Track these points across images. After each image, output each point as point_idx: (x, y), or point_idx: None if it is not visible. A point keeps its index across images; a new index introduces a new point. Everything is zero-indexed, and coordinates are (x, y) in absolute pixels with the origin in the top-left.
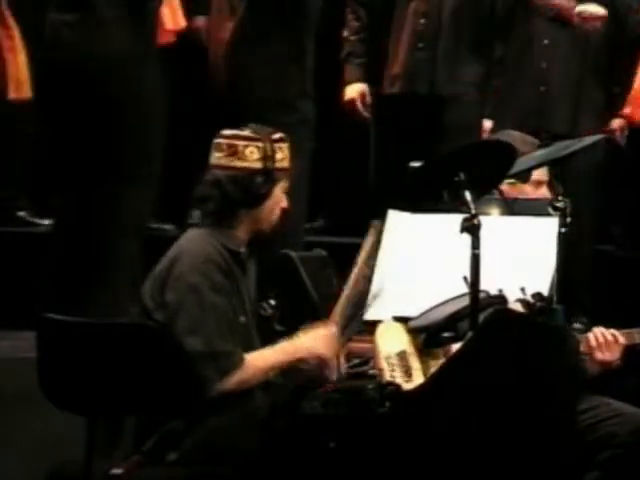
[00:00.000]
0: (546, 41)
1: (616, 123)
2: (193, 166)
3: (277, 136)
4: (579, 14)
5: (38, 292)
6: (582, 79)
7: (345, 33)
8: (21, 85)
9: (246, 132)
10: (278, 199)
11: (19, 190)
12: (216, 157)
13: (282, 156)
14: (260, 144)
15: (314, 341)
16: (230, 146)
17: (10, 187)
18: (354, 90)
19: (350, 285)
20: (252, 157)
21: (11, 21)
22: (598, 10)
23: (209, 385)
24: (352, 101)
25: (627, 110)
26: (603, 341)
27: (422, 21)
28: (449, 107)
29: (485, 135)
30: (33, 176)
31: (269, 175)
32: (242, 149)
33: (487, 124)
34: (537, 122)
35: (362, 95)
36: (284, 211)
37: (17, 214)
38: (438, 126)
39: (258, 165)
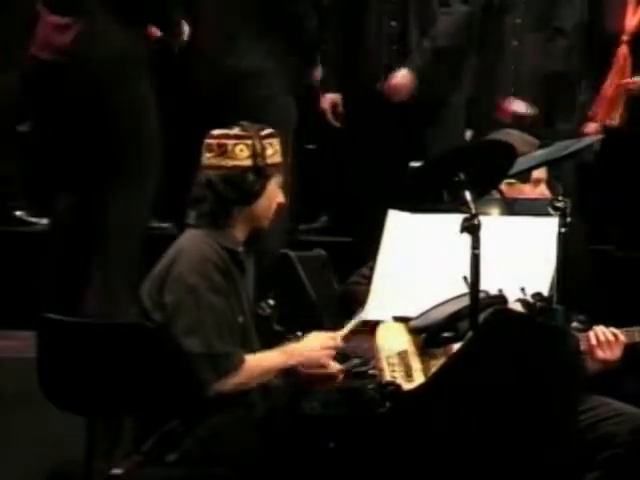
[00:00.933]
0: (515, 42)
1: (591, 127)
2: (191, 164)
3: (266, 132)
4: None
5: (38, 292)
6: (553, 81)
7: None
8: None
9: (235, 131)
10: (272, 194)
11: (17, 189)
12: (207, 158)
13: (272, 151)
14: (249, 141)
15: (314, 345)
16: (220, 146)
17: (8, 186)
18: (325, 101)
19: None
20: (242, 155)
21: None
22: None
23: (207, 386)
24: (323, 111)
25: (595, 112)
26: (604, 340)
27: (393, 24)
28: (426, 110)
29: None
30: (31, 175)
31: (261, 171)
32: (232, 148)
33: (468, 134)
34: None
35: (333, 105)
36: (280, 206)
37: (15, 213)
38: (416, 130)
39: (249, 162)
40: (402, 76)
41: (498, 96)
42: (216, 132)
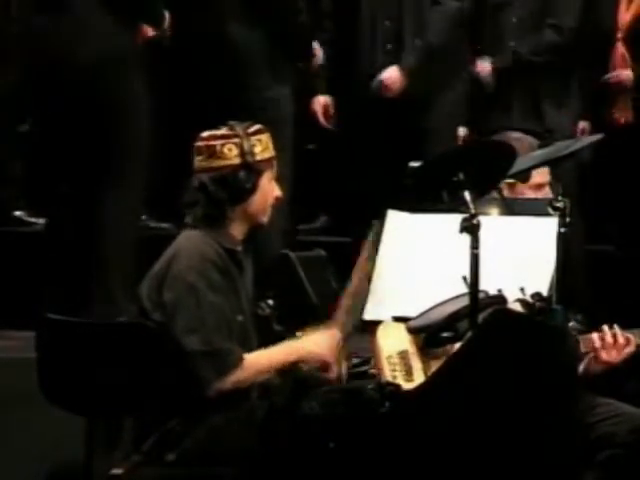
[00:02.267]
0: (512, 43)
1: (580, 125)
2: (191, 165)
3: (254, 129)
4: None
5: (38, 292)
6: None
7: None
8: None
9: (222, 131)
10: (267, 190)
11: (16, 190)
12: (197, 161)
13: (262, 147)
14: (237, 140)
15: (315, 343)
16: (208, 147)
17: (8, 187)
18: (317, 103)
19: (353, 286)
20: (231, 154)
21: None
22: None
23: (207, 383)
24: (315, 113)
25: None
26: (611, 341)
27: (387, 23)
28: (422, 109)
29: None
30: (30, 176)
31: (251, 168)
32: (220, 148)
33: (461, 130)
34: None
35: (324, 107)
36: (278, 200)
37: (14, 214)
38: (410, 129)
39: (238, 161)
40: (392, 72)
41: None
42: (204, 134)
